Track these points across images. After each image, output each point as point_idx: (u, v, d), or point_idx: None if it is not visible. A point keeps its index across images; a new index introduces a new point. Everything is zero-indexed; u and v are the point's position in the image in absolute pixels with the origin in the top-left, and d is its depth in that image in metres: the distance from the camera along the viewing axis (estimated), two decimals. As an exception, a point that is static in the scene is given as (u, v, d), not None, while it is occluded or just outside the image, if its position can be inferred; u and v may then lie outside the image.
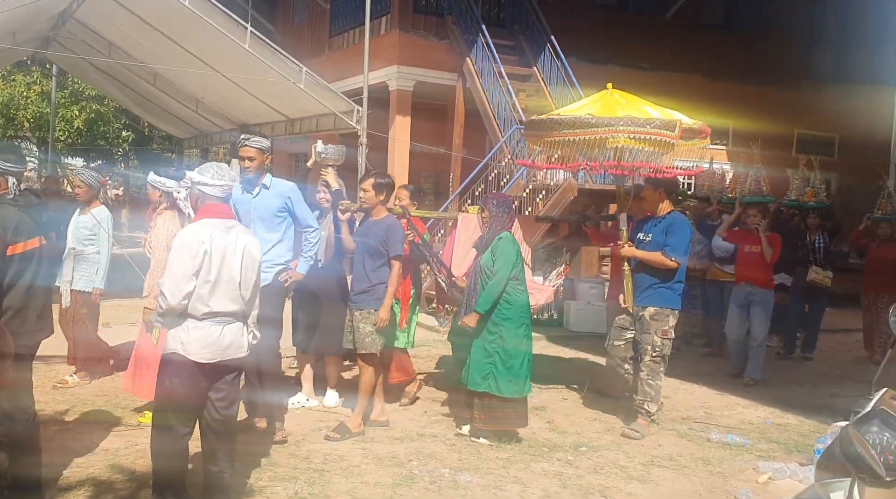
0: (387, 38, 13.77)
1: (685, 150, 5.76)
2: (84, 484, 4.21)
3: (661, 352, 5.63)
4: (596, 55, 13.85)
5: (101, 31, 12.50)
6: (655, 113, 5.60)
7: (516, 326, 5.23)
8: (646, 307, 5.67)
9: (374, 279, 5.27)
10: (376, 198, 5.35)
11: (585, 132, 5.54)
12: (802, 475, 4.75)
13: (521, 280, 5.31)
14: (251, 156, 5.16)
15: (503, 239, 5.26)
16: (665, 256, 5.59)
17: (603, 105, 5.86)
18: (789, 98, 15.61)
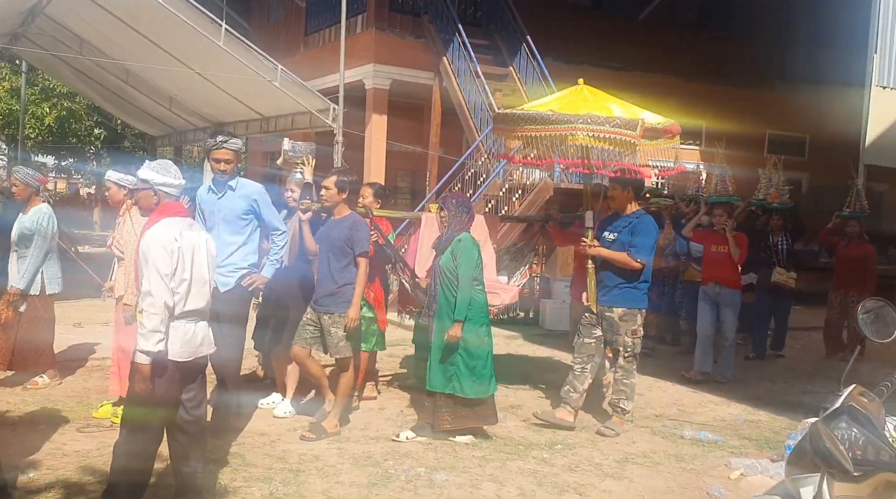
0: (363, 36, 13.72)
1: (655, 149, 5.72)
2: (54, 486, 4.15)
3: (632, 351, 5.66)
4: (571, 55, 13.91)
5: (72, 27, 12.31)
6: (619, 111, 5.54)
7: (477, 326, 5.19)
8: (613, 308, 5.65)
9: (340, 280, 5.16)
10: (338, 196, 5.26)
11: (546, 129, 5.50)
12: (774, 471, 4.81)
13: (481, 280, 5.28)
14: (228, 159, 5.01)
15: (463, 240, 5.21)
16: (630, 256, 5.56)
17: (568, 102, 5.80)
18: (761, 99, 15.81)
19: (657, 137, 5.62)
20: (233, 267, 4.98)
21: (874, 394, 2.87)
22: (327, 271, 5.20)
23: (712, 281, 7.65)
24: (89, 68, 14.12)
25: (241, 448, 4.89)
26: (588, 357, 5.77)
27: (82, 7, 10.89)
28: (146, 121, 17.18)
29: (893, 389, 3.01)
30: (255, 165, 19.15)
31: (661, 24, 15.88)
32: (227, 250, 4.96)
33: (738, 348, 8.68)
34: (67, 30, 12.49)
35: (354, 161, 10.88)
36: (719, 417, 6.34)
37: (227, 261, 4.97)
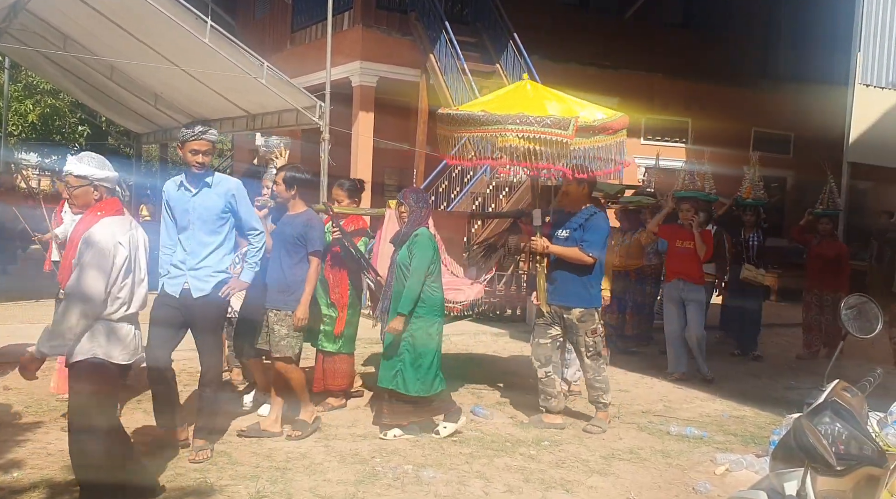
0: (349, 33, 13.69)
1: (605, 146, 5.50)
2: (38, 486, 4.12)
3: (595, 349, 5.62)
4: (557, 53, 13.96)
5: (55, 23, 12.19)
6: (554, 110, 5.36)
7: (428, 324, 5.15)
8: (571, 309, 5.58)
9: (291, 277, 5.05)
10: (287, 192, 5.15)
11: (478, 130, 5.39)
12: (758, 466, 4.85)
13: (437, 278, 5.23)
14: (206, 150, 4.63)
15: (420, 235, 5.18)
16: (582, 251, 5.50)
17: (505, 100, 5.65)
18: (747, 97, 15.91)
19: (595, 135, 5.39)
20: (210, 271, 4.65)
21: (857, 389, 2.91)
22: (279, 268, 5.10)
23: (676, 277, 7.51)
24: (73, 65, 13.99)
25: (227, 447, 4.88)
26: (546, 360, 5.71)
27: (66, 3, 10.79)
28: (131, 118, 17.04)
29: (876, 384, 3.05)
30: (243, 163, 19.07)
31: (646, 23, 15.96)
32: (203, 252, 4.65)
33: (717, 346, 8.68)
34: (51, 26, 12.37)
35: (341, 159, 10.86)
36: (705, 413, 6.38)
37: (203, 263, 4.65)
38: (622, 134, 5.66)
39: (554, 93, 5.72)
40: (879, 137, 12.28)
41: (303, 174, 5.26)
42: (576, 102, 5.67)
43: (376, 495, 4.25)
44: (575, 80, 14.41)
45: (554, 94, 5.69)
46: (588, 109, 5.56)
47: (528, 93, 5.66)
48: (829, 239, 8.75)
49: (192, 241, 4.63)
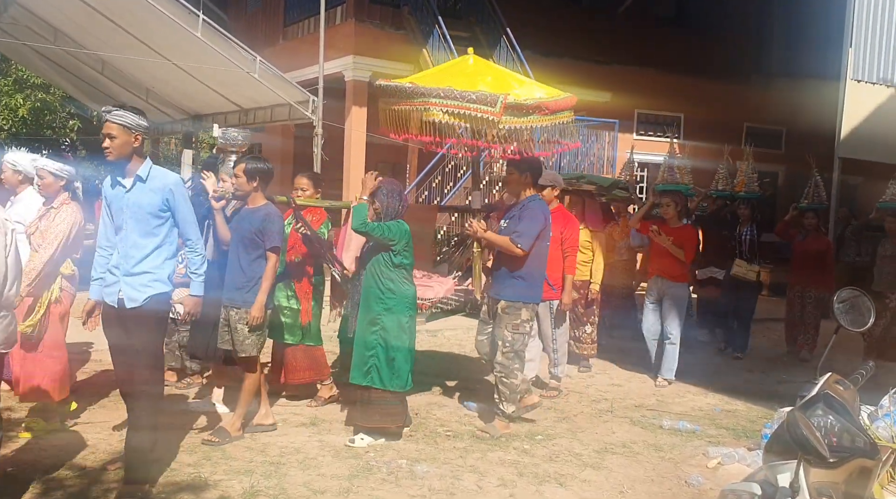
0: (342, 27, 13.65)
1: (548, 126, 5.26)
2: (34, 481, 4.10)
3: (512, 347, 5.27)
4: (550, 48, 13.96)
5: (46, 17, 12.11)
6: (485, 86, 5.10)
7: (400, 318, 4.98)
8: (499, 300, 5.35)
9: (250, 274, 4.85)
10: (248, 185, 4.93)
11: (404, 103, 5.12)
12: (750, 460, 4.88)
13: (409, 271, 5.06)
14: (111, 133, 3.94)
15: (398, 223, 5.00)
16: (512, 242, 5.22)
17: (439, 74, 5.41)
18: (738, 92, 15.96)
19: (528, 114, 5.09)
20: (146, 279, 4.03)
21: (849, 382, 2.93)
22: (237, 264, 4.90)
23: (656, 274, 7.21)
24: (64, 59, 13.91)
25: (221, 441, 4.87)
26: (490, 354, 5.52)
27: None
28: (122, 113, 16.95)
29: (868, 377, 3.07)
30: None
31: (639, 19, 15.98)
32: (137, 255, 4.04)
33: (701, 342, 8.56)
34: (41, 20, 12.29)
35: (335, 154, 10.84)
36: (697, 407, 6.42)
37: (138, 269, 4.03)
38: (564, 115, 5.34)
39: (497, 70, 5.43)
40: (870, 133, 12.34)
41: (265, 165, 5.04)
42: (517, 80, 5.41)
43: (370, 490, 4.26)
44: (568, 74, 14.41)
45: (495, 70, 5.41)
46: (526, 88, 5.30)
47: (467, 68, 5.42)
48: (815, 234, 8.49)
49: (126, 243, 4.06)
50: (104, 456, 4.53)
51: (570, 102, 5.38)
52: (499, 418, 5.39)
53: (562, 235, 6.19)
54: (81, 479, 4.20)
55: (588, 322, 7.35)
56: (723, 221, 8.76)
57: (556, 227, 6.12)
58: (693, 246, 7.25)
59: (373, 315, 4.97)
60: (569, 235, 6.27)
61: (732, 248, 8.41)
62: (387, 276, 4.96)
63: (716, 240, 8.42)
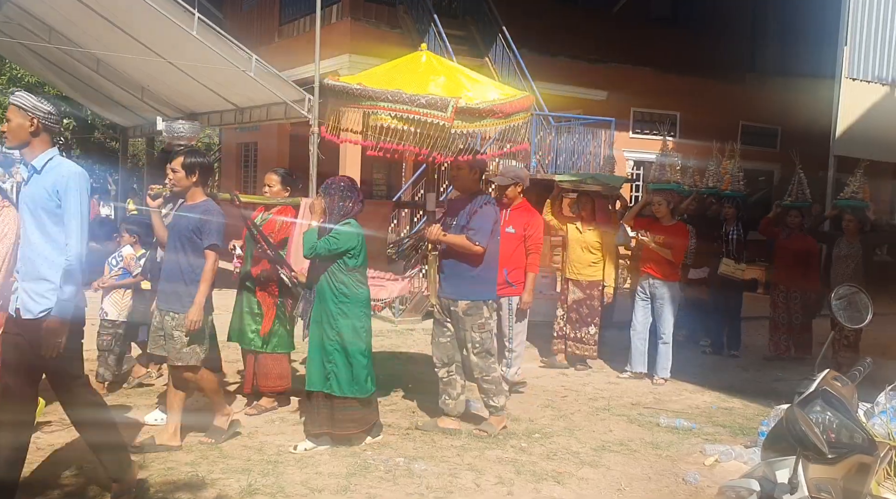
0: (338, 26, 13.61)
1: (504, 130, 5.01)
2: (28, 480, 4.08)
3: (482, 346, 5.21)
4: (546, 47, 13.95)
5: (40, 15, 12.08)
6: (436, 88, 4.82)
7: (355, 321, 4.79)
8: (458, 302, 5.18)
9: (189, 276, 4.56)
10: (187, 180, 4.63)
11: (352, 105, 4.84)
12: (747, 457, 4.89)
13: (363, 273, 4.87)
14: (8, 116, 3.64)
15: (350, 224, 4.78)
16: (469, 240, 5.09)
17: (388, 73, 5.11)
18: (734, 90, 15.98)
19: (481, 118, 4.81)
20: (46, 287, 3.53)
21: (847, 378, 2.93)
22: (174, 265, 4.61)
23: (646, 272, 7.16)
24: (58, 58, 13.87)
25: (218, 440, 4.86)
26: (448, 359, 5.31)
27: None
28: (117, 111, 16.93)
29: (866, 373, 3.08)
30: (230, 157, 18.98)
31: (634, 18, 15.98)
32: (35, 259, 3.57)
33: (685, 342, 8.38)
34: (36, 18, 12.26)
35: (330, 152, 10.82)
36: (694, 405, 6.43)
37: (36, 275, 3.56)
38: (520, 117, 5.08)
39: (450, 68, 5.18)
40: (866, 131, 12.37)
41: (203, 158, 4.76)
42: (471, 80, 5.13)
43: (368, 488, 4.25)
44: (563, 73, 14.46)
45: (448, 69, 5.17)
46: (480, 89, 5.02)
47: (418, 66, 5.13)
48: (798, 232, 8.24)
49: (24, 243, 3.62)
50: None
51: (525, 103, 5.14)
52: (493, 415, 5.35)
53: (525, 233, 6.10)
54: (78, 478, 4.18)
55: (592, 323, 7.34)
56: (708, 220, 8.59)
57: (519, 223, 6.13)
58: (683, 245, 7.20)
59: (328, 320, 4.77)
60: (532, 231, 6.15)
61: (718, 247, 8.32)
62: (340, 280, 4.76)
63: (701, 239, 8.20)
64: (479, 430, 5.27)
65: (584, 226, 7.34)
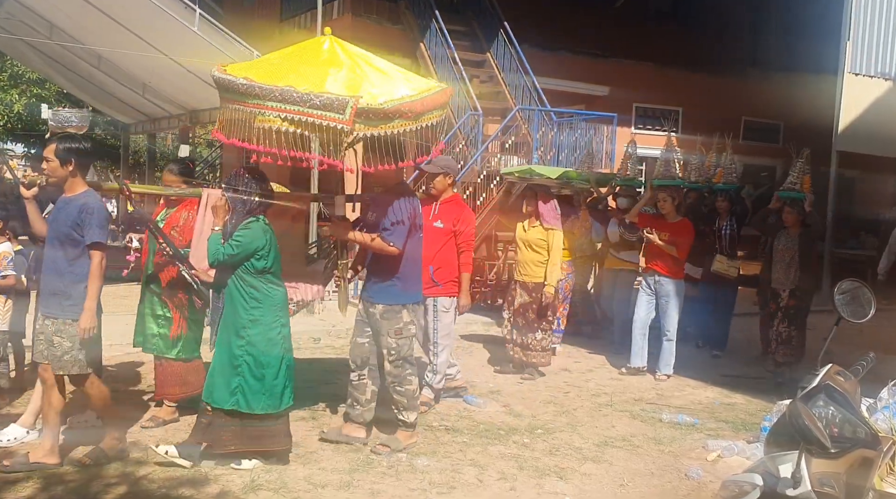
0: (339, 22, 13.58)
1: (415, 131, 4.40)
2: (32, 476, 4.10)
3: (399, 354, 4.80)
4: (548, 42, 13.92)
5: (41, 12, 12.08)
6: (334, 86, 4.21)
7: (268, 328, 4.32)
8: (375, 304, 4.82)
9: (70, 278, 4.14)
10: (63, 169, 4.17)
11: (237, 103, 4.20)
12: (750, 453, 4.89)
13: (276, 273, 4.40)
14: None
15: (254, 222, 4.34)
16: (384, 240, 4.68)
17: (282, 63, 4.48)
18: (736, 85, 15.94)
19: (388, 120, 4.23)
20: None
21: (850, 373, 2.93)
22: (53, 263, 4.19)
23: (651, 269, 7.03)
24: (59, 54, 13.88)
25: (221, 436, 4.86)
26: (363, 362, 4.92)
27: (52, -9, 10.70)
28: (118, 108, 16.93)
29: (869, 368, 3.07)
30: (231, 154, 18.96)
31: (636, 13, 15.94)
32: None
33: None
34: (37, 14, 12.26)
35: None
36: (696, 400, 6.43)
37: None
38: (434, 115, 4.48)
39: (354, 58, 4.50)
40: (868, 126, 12.33)
41: (81, 144, 4.27)
42: (379, 72, 4.49)
43: (371, 484, 4.26)
44: (565, 69, 14.43)
45: (354, 58, 4.49)
46: (388, 84, 4.38)
47: (319, 54, 4.49)
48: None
49: None
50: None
51: (440, 99, 4.53)
52: (401, 430, 4.89)
53: (455, 228, 5.64)
54: (81, 474, 4.19)
55: (539, 328, 6.75)
56: (700, 215, 8.29)
57: (448, 218, 5.66)
58: (689, 242, 7.06)
59: (237, 327, 4.30)
60: (463, 227, 5.68)
61: (710, 243, 8.04)
62: (249, 283, 4.30)
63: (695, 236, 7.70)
64: (382, 445, 4.76)
65: (530, 223, 6.84)
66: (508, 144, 11.92)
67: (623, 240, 7.99)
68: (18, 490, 3.95)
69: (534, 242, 6.69)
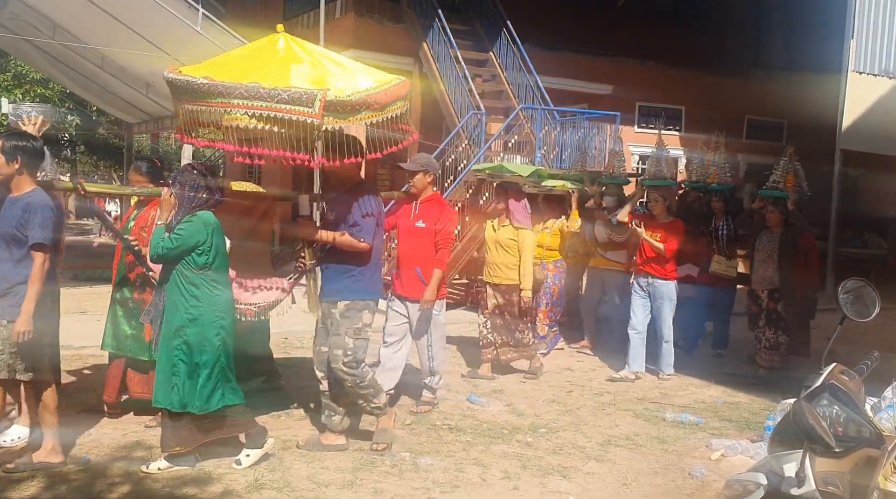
0: (342, 21, 13.61)
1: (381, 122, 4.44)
2: (36, 475, 4.11)
3: (354, 355, 4.61)
4: (551, 41, 13.94)
5: (45, 12, 12.11)
6: (299, 80, 4.21)
7: (205, 329, 4.20)
8: (337, 302, 4.65)
9: (12, 277, 4.04)
10: (8, 167, 4.06)
11: (200, 103, 4.16)
12: (753, 452, 4.89)
13: (219, 272, 4.27)
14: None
15: (196, 217, 4.21)
16: (354, 237, 4.58)
17: (241, 62, 4.45)
18: (739, 84, 15.95)
19: (356, 112, 4.26)
20: None
21: (854, 372, 2.92)
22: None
23: (644, 271, 6.85)
24: (63, 54, 13.92)
25: (224, 435, 4.87)
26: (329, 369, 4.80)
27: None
28: (122, 107, 16.97)
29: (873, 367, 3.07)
30: (234, 153, 18.98)
31: (639, 11, 15.95)
32: None
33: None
34: (41, 14, 12.30)
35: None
36: (700, 399, 6.42)
37: None
38: (397, 106, 4.51)
39: (311, 54, 4.54)
40: (872, 125, 12.32)
41: (29, 142, 4.15)
42: (338, 66, 4.51)
43: (374, 482, 4.26)
44: (568, 68, 14.43)
45: (312, 54, 4.53)
46: (349, 77, 4.41)
47: (276, 52, 4.47)
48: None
49: None
50: (108, 450, 4.55)
51: (401, 91, 4.53)
52: (380, 418, 4.80)
53: (436, 227, 5.49)
54: (85, 473, 4.20)
55: (517, 330, 6.67)
56: (696, 215, 8.09)
57: (430, 217, 5.53)
58: (678, 242, 6.80)
59: (176, 326, 4.20)
60: (443, 226, 5.53)
61: (707, 243, 7.90)
62: (190, 280, 4.19)
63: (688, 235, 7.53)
64: (377, 444, 4.70)
65: (500, 223, 6.66)
66: (511, 144, 11.92)
67: (610, 240, 7.79)
68: (23, 489, 3.96)
69: (504, 243, 6.53)
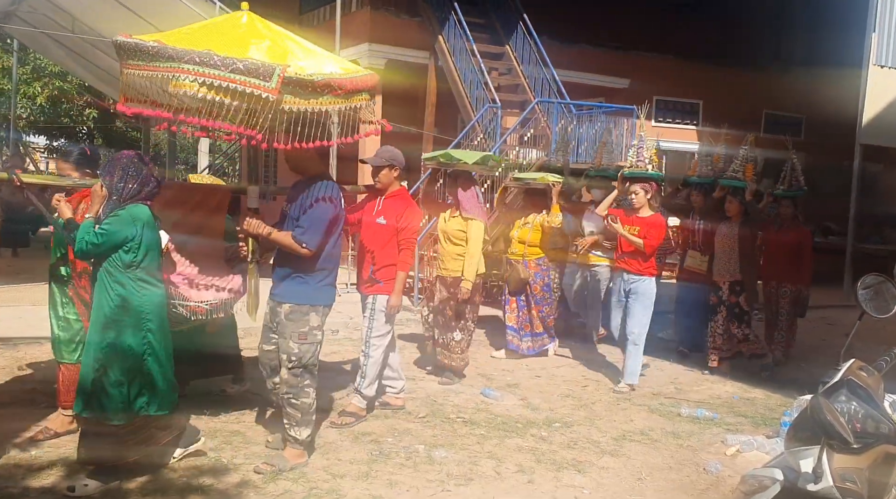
0: (358, 15, 13.61)
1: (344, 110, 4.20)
2: (56, 464, 4.16)
3: (300, 361, 4.28)
4: (568, 35, 13.87)
5: (63, 5, 12.18)
6: (258, 53, 3.93)
7: (129, 332, 3.88)
8: (281, 303, 4.37)
9: None
10: None
11: (146, 67, 3.83)
12: (769, 448, 4.87)
13: (149, 270, 3.96)
14: None
15: (124, 210, 3.91)
16: (295, 240, 4.23)
17: (198, 32, 4.19)
18: (758, 78, 15.80)
19: (318, 94, 3.98)
20: None
21: (873, 368, 2.90)
22: None
23: (620, 268, 6.50)
24: (81, 47, 13.99)
25: (241, 426, 4.91)
26: (272, 369, 4.54)
27: (74, -16, 10.78)
28: (140, 101, 17.06)
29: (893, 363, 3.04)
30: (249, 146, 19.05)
31: (657, 5, 15.82)
32: None
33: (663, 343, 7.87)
34: (60, 8, 12.37)
35: (350, 141, 10.82)
36: (715, 394, 6.39)
37: None
38: (362, 97, 4.27)
39: (277, 32, 4.27)
40: (893, 119, 12.18)
41: None
42: (303, 49, 4.24)
43: (389, 474, 4.28)
44: (585, 61, 14.36)
45: (275, 33, 4.24)
46: (315, 59, 4.15)
47: (238, 26, 4.22)
48: (791, 224, 7.43)
49: None
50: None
51: (368, 82, 4.29)
52: (290, 446, 4.35)
53: (398, 225, 5.18)
54: (104, 462, 4.24)
55: (457, 328, 6.28)
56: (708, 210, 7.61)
57: (392, 214, 5.21)
58: (657, 237, 6.37)
59: (99, 327, 3.90)
60: (406, 224, 5.21)
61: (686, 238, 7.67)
62: (116, 279, 3.88)
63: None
64: (265, 464, 4.27)
65: (451, 214, 6.33)
66: (527, 137, 11.88)
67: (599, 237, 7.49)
68: (43, 478, 4.01)
69: (452, 234, 6.19)
